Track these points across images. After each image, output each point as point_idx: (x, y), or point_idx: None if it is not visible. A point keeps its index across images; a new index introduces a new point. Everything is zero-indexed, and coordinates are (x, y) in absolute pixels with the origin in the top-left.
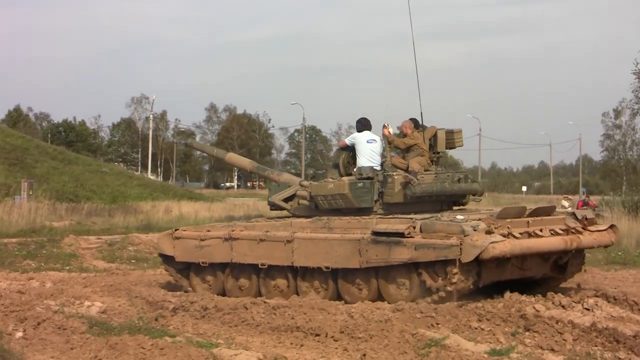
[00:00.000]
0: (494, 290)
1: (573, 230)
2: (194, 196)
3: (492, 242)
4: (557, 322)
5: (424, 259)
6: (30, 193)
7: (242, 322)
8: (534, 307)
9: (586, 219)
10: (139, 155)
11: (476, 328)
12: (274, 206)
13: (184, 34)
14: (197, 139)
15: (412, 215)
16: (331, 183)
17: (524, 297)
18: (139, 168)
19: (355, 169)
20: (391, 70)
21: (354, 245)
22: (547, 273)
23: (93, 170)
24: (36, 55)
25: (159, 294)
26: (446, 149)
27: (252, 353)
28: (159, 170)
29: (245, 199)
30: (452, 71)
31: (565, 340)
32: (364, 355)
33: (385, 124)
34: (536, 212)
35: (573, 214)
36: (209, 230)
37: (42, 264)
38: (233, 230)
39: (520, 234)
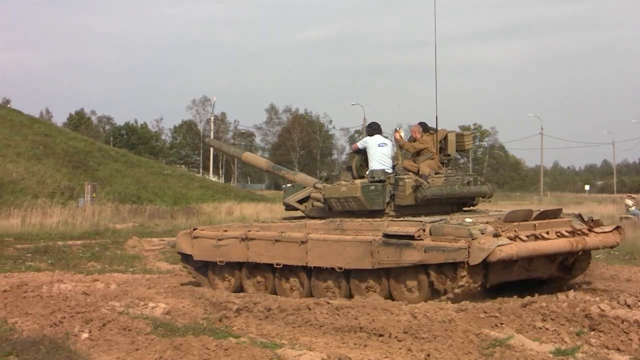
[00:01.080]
0: (502, 289)
1: (579, 232)
2: (255, 197)
3: (499, 245)
4: (622, 322)
5: (433, 261)
6: (94, 196)
7: (306, 322)
8: (599, 307)
9: (592, 220)
10: (201, 157)
11: (540, 328)
12: (289, 207)
13: (244, 35)
14: (258, 140)
15: (422, 218)
16: (344, 186)
17: (588, 297)
18: (201, 170)
19: (367, 172)
20: (450, 69)
21: (366, 246)
22: (554, 273)
23: (155, 173)
24: (98, 58)
25: (223, 295)
26: (456, 151)
27: (316, 353)
28: (220, 172)
29: None
30: (513, 70)
31: (631, 340)
32: (428, 355)
33: (397, 128)
34: (543, 215)
35: (579, 216)
36: (226, 230)
37: (106, 266)
38: (249, 231)
39: (527, 236)
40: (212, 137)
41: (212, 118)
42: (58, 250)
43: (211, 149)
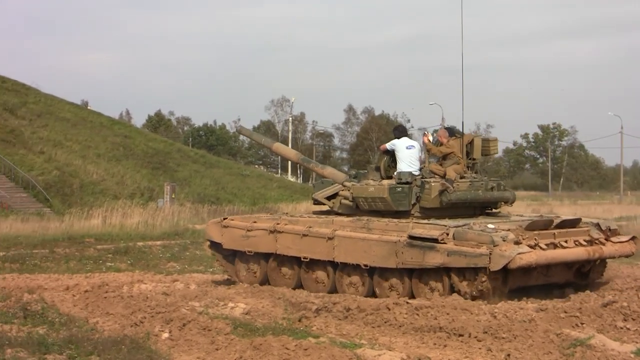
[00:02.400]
0: (520, 293)
1: (596, 242)
2: None
3: (519, 253)
4: None
5: (455, 264)
6: (173, 196)
7: (385, 322)
8: None
9: (609, 230)
10: (279, 158)
11: (622, 328)
12: (317, 202)
13: (323, 35)
14: (336, 140)
15: (446, 222)
16: (372, 186)
17: None
18: (279, 170)
19: (395, 174)
20: (530, 69)
21: (391, 246)
22: (571, 279)
23: (234, 173)
24: (177, 59)
25: (302, 295)
26: (482, 155)
27: (396, 353)
28: (298, 172)
29: None
30: (593, 68)
31: None
32: (508, 355)
33: (425, 132)
34: (562, 224)
35: (598, 225)
36: (255, 222)
37: (186, 266)
38: (278, 224)
39: (547, 245)
40: (290, 137)
41: (291, 118)
42: (138, 251)
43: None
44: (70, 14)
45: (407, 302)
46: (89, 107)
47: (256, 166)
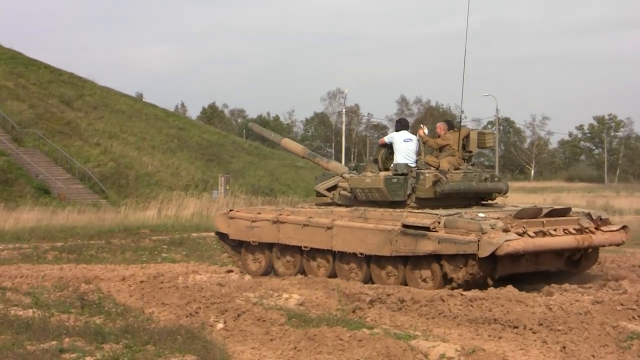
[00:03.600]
0: (512, 281)
1: (586, 230)
2: None
3: (507, 240)
4: None
5: (446, 252)
6: (227, 188)
7: (439, 314)
8: None
9: (600, 219)
10: (332, 149)
11: None
12: (318, 194)
13: (376, 27)
14: (390, 132)
15: (438, 211)
16: (369, 177)
17: None
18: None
19: (392, 165)
20: (586, 59)
21: (385, 235)
22: (562, 267)
23: (287, 165)
24: (231, 52)
25: (356, 286)
26: (478, 148)
27: (450, 345)
28: (352, 163)
29: None
30: None
31: None
32: (564, 347)
33: (421, 125)
34: (551, 213)
35: (588, 215)
36: (259, 213)
37: None
38: (280, 214)
39: (535, 233)
40: (343, 129)
41: (344, 110)
42: (193, 242)
43: (342, 141)
44: (126, 7)
45: (462, 294)
46: (143, 100)
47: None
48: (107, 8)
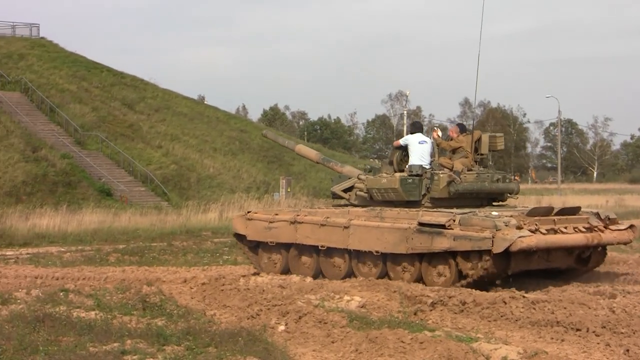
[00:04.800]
0: (524, 278)
1: (595, 229)
2: None
3: (520, 237)
4: None
5: (461, 248)
6: (289, 190)
7: (501, 316)
8: None
9: (609, 219)
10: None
11: None
12: (335, 195)
13: (440, 28)
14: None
15: (453, 210)
16: (384, 178)
17: None
18: None
19: (407, 167)
20: None
21: (402, 233)
22: (571, 265)
23: None
24: (293, 54)
25: (417, 289)
26: (489, 151)
27: (512, 347)
28: None
29: None
30: None
31: None
32: (627, 350)
33: (435, 128)
34: (562, 212)
35: (597, 214)
36: (277, 214)
37: None
38: (298, 215)
39: (547, 230)
40: (405, 131)
41: (406, 112)
42: None
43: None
44: (188, 10)
45: (524, 296)
46: (205, 102)
47: (371, 159)
48: (169, 11)
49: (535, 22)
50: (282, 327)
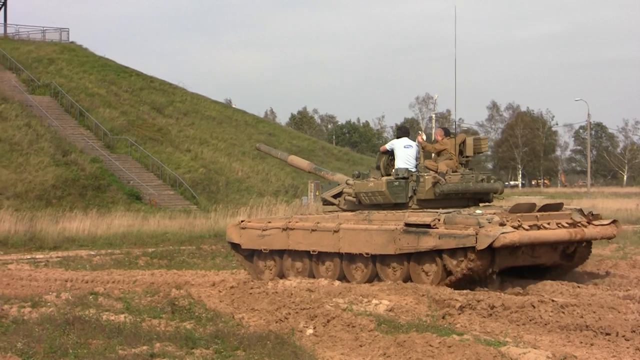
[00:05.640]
0: (510, 275)
1: (578, 224)
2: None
3: (503, 233)
4: None
5: (446, 246)
6: (317, 194)
7: (530, 320)
8: None
9: (592, 214)
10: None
11: None
12: (325, 202)
13: (471, 32)
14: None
15: (438, 210)
16: (371, 182)
17: None
18: None
19: (393, 170)
20: None
21: (389, 234)
22: (557, 261)
23: None
24: (322, 57)
25: (446, 292)
26: (474, 153)
27: (541, 352)
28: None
29: (529, 197)
30: None
31: None
32: None
33: (419, 132)
34: (545, 208)
35: (580, 210)
36: (269, 222)
37: None
38: (289, 222)
39: (530, 226)
40: (433, 135)
41: (434, 115)
42: None
43: None
44: (215, 14)
45: (553, 300)
46: (233, 106)
47: None
48: (197, 15)
49: (564, 24)
50: (310, 331)
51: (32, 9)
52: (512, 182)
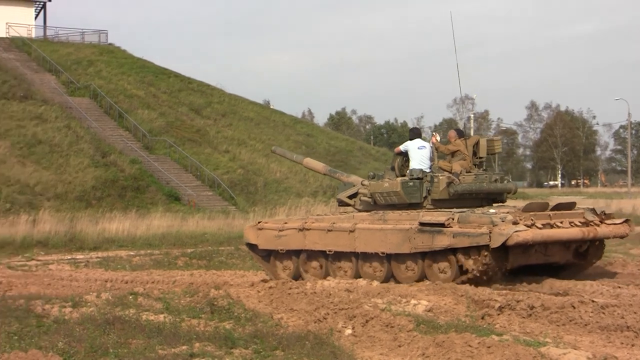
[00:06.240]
0: (524, 273)
1: (591, 223)
2: (516, 195)
3: (516, 231)
4: None
5: (460, 245)
6: None
7: (570, 321)
8: None
9: (604, 214)
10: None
11: None
12: (341, 202)
13: (505, 32)
14: (519, 137)
15: (452, 210)
16: (386, 182)
17: None
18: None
19: (407, 171)
20: None
21: (404, 234)
22: (570, 260)
23: None
24: (359, 58)
25: (485, 293)
26: (487, 154)
27: (581, 352)
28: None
29: (569, 197)
30: None
31: None
32: None
33: (433, 133)
34: (557, 207)
35: (593, 210)
36: (286, 223)
37: None
38: (306, 222)
39: (543, 225)
40: (472, 134)
41: (472, 116)
42: None
43: None
44: (253, 16)
45: (593, 301)
46: (271, 107)
47: None
48: (236, 17)
49: (605, 23)
50: (349, 331)
51: (71, 12)
52: (551, 182)
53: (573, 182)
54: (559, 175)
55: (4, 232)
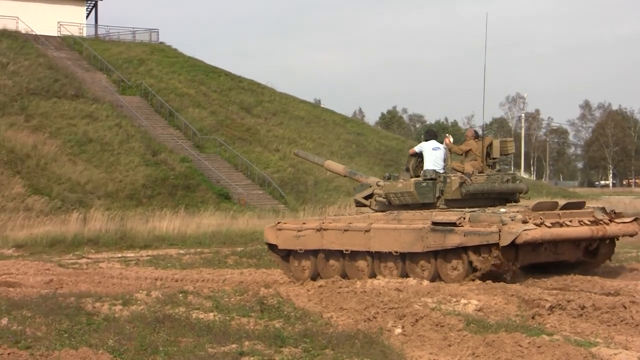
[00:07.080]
0: (535, 271)
1: (600, 222)
2: (567, 195)
3: (525, 230)
4: None
5: (471, 243)
6: None
7: (621, 321)
8: None
9: (614, 212)
10: (511, 155)
11: None
12: (358, 203)
13: (560, 30)
14: (571, 136)
15: (464, 209)
16: (400, 183)
17: None
18: (512, 167)
19: (421, 172)
20: None
21: (417, 233)
22: (580, 258)
23: None
24: (410, 57)
25: (535, 292)
26: (500, 155)
27: (633, 353)
28: (532, 169)
29: (620, 197)
30: None
31: None
32: None
33: (447, 135)
34: (567, 206)
35: (602, 209)
36: (304, 223)
37: None
38: (323, 223)
39: (552, 223)
40: (522, 134)
41: (523, 115)
42: None
43: (522, 146)
44: (303, 14)
45: None
46: (321, 106)
47: None
48: (286, 16)
49: None
50: (398, 330)
51: (122, 11)
52: (602, 182)
53: (624, 182)
54: (610, 175)
55: (55, 230)
